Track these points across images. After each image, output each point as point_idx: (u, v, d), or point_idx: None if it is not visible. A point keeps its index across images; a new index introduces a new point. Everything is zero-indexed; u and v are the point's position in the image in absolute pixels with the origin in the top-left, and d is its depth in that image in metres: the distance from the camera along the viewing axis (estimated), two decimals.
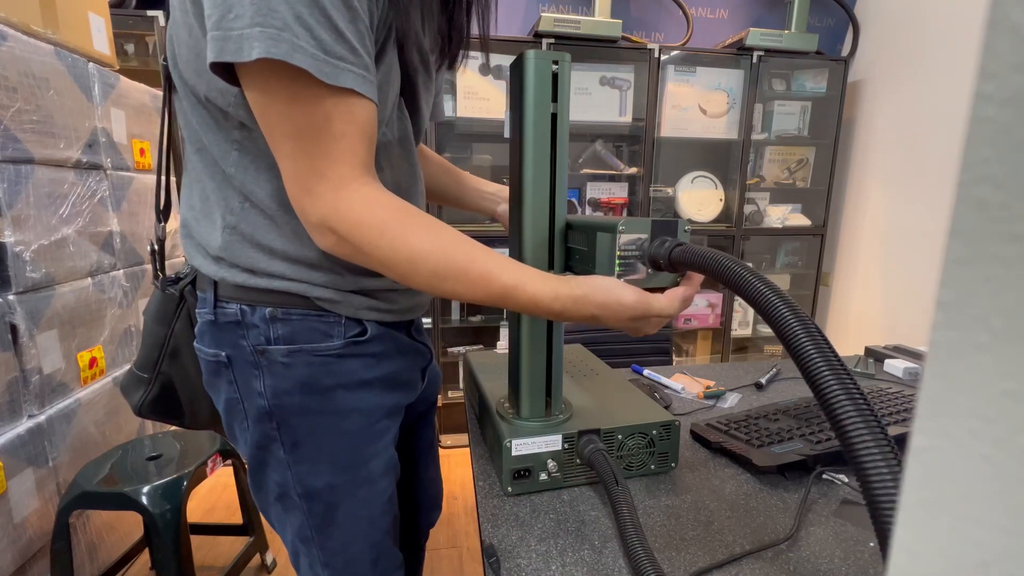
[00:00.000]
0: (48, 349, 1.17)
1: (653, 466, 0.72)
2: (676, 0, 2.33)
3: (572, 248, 0.65)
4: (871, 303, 2.36)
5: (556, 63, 0.60)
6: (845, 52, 2.50)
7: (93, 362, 1.32)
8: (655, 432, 0.71)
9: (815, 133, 2.45)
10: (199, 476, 1.19)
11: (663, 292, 0.58)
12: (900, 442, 0.69)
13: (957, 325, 0.13)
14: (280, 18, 0.44)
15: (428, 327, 2.21)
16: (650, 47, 2.15)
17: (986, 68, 0.12)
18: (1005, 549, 0.13)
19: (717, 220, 2.41)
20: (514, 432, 0.67)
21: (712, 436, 0.79)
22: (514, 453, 0.66)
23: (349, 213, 0.51)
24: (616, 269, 0.57)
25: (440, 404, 2.31)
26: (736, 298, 2.41)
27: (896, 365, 1.14)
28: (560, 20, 2.02)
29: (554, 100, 0.61)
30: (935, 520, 0.14)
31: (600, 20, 2.06)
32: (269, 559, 1.55)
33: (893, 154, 2.24)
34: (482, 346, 2.45)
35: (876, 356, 1.24)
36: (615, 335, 1.47)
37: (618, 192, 2.36)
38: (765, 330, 2.59)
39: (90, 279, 1.31)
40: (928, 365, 0.13)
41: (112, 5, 1.57)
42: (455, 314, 2.34)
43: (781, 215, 2.45)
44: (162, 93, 0.66)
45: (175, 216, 1.41)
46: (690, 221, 1.17)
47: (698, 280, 0.60)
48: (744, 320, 2.56)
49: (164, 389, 0.70)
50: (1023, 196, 0.12)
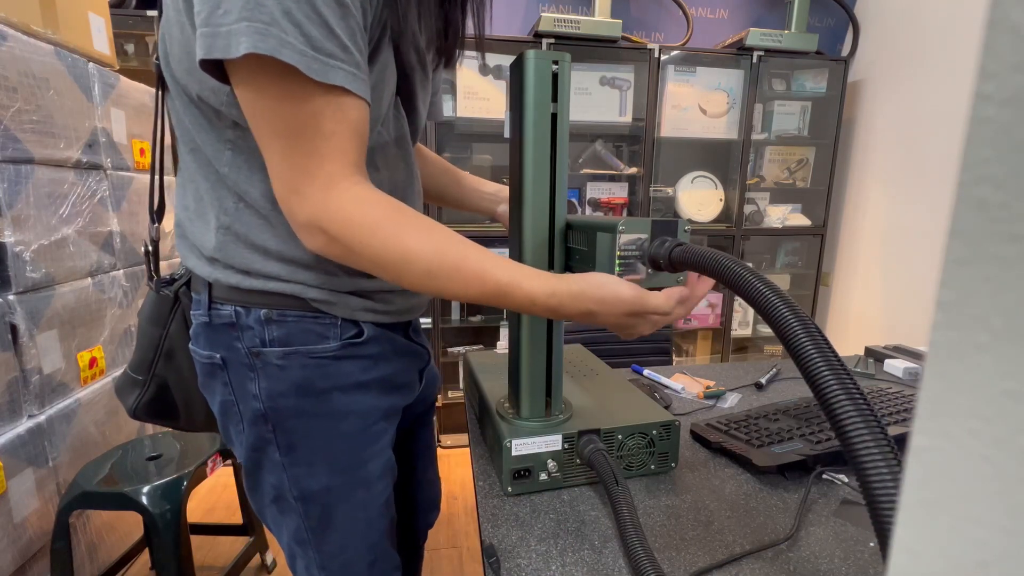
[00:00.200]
0: (48, 349, 1.17)
1: (653, 466, 0.72)
2: (676, 0, 2.33)
3: (572, 248, 0.65)
4: (871, 303, 2.36)
5: (556, 63, 0.60)
6: (845, 52, 2.50)
7: (93, 362, 1.32)
8: (655, 432, 0.71)
9: (815, 133, 2.45)
10: (199, 476, 1.19)
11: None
12: (900, 442, 0.69)
13: (957, 325, 0.13)
14: (268, 13, 0.43)
15: (428, 327, 2.21)
16: (650, 47, 2.15)
17: (986, 68, 0.12)
18: (1005, 549, 0.13)
19: (717, 220, 2.41)
20: (514, 432, 0.67)
21: (712, 436, 0.79)
22: (514, 453, 0.66)
23: (339, 212, 0.50)
24: (616, 269, 0.57)
25: (440, 404, 2.31)
26: (736, 298, 2.41)
27: (896, 365, 1.14)
28: (560, 20, 2.02)
29: (554, 100, 0.61)
30: (935, 520, 0.14)
31: (600, 20, 2.07)
32: (269, 559, 1.55)
33: (893, 154, 2.24)
34: (482, 346, 2.45)
35: (876, 356, 1.24)
36: (615, 335, 1.47)
37: (618, 192, 2.36)
38: (765, 330, 2.59)
39: (90, 279, 1.31)
40: (928, 365, 0.13)
41: (112, 5, 1.57)
42: (455, 314, 2.33)
43: (781, 215, 2.45)
44: (155, 92, 0.65)
45: (171, 216, 1.41)
46: (690, 221, 1.17)
47: (704, 287, 0.59)
48: (744, 320, 2.56)
49: (159, 391, 0.70)
50: (1023, 196, 0.12)
